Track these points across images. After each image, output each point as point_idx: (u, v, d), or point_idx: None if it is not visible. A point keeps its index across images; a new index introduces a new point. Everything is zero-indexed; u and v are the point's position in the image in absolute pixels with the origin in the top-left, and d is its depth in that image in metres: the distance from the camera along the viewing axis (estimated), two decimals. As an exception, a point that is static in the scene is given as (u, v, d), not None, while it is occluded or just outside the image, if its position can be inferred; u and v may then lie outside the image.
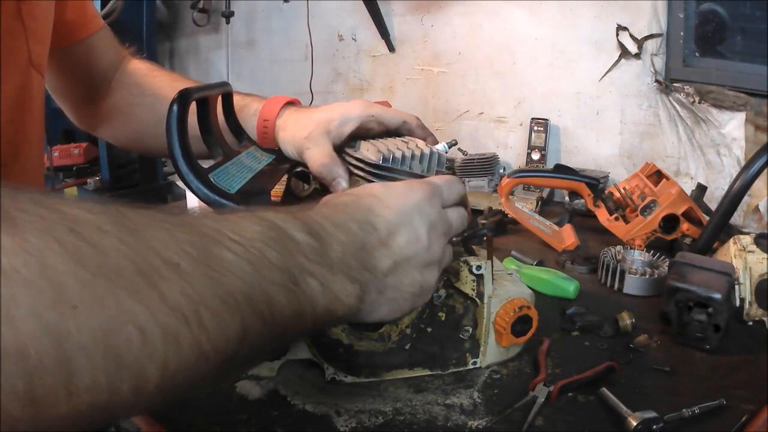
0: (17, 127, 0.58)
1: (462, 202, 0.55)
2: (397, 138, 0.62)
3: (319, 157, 0.62)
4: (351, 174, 0.62)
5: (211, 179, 0.53)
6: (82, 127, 0.86)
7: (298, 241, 0.38)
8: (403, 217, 0.47)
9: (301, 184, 0.69)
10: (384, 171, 0.57)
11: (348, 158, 0.62)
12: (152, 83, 0.78)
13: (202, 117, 0.63)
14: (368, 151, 0.59)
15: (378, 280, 0.45)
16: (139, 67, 0.81)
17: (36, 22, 0.58)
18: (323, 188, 0.68)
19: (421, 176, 0.58)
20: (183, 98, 0.54)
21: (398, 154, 0.57)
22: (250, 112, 0.70)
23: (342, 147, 0.64)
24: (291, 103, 0.70)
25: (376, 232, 0.46)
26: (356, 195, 0.49)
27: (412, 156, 0.58)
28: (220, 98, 0.66)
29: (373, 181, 0.57)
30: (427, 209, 0.49)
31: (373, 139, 0.64)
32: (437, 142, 0.66)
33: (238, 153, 0.65)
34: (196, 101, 0.57)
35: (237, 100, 0.70)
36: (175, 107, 0.53)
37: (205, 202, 0.52)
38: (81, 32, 0.73)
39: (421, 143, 0.61)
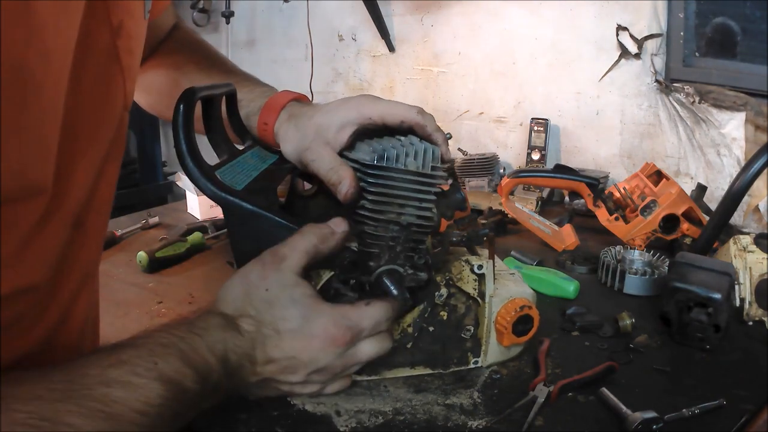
0: (97, 181, 0.51)
1: (388, 328, 0.57)
2: (394, 136, 0.63)
3: (324, 164, 0.62)
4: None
5: (218, 176, 0.54)
6: None
7: (188, 390, 0.46)
8: (287, 361, 0.53)
9: (303, 184, 0.69)
10: (379, 170, 0.58)
11: (346, 161, 0.62)
12: (175, 64, 0.77)
13: (208, 116, 0.63)
14: (363, 151, 0.60)
15: (244, 387, 0.54)
16: (178, 39, 0.80)
17: (132, 56, 0.53)
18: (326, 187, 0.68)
19: (416, 173, 0.58)
20: (188, 97, 0.54)
21: (392, 153, 0.58)
22: (252, 111, 0.69)
23: (343, 150, 0.64)
24: (297, 100, 0.69)
25: (252, 366, 0.52)
26: (257, 324, 0.52)
27: (407, 153, 0.58)
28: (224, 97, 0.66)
29: (370, 181, 0.58)
30: (322, 358, 0.53)
31: (377, 135, 0.64)
32: (444, 137, 0.66)
33: (243, 152, 0.66)
34: (201, 100, 0.57)
35: (240, 94, 0.69)
36: (181, 106, 0.53)
37: (212, 199, 0.53)
38: (156, 12, 0.70)
39: (415, 139, 0.61)
